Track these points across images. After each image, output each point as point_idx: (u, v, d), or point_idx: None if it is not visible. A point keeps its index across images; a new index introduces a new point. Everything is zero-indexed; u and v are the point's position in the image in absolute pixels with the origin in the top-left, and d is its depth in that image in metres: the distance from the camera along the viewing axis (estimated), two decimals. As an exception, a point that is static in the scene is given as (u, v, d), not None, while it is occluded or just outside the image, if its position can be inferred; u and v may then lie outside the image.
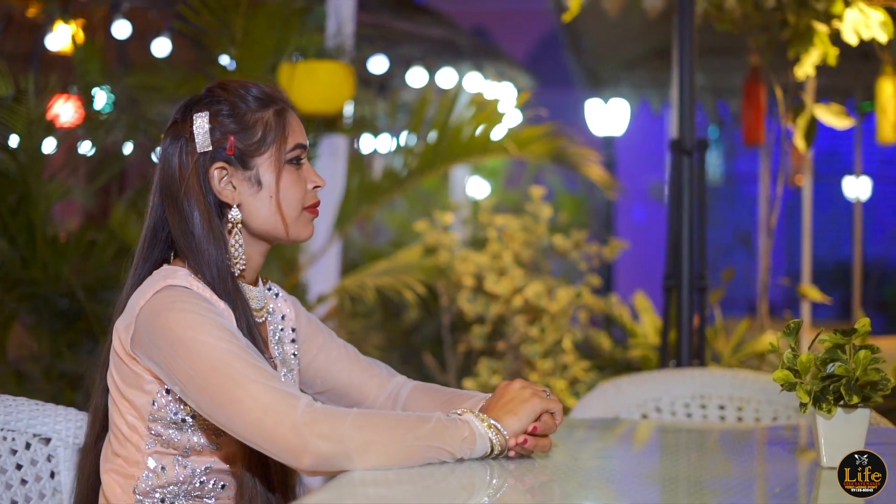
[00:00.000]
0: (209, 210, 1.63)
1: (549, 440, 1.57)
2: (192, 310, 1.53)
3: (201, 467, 1.62)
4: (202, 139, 1.63)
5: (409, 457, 1.43)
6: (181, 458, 1.61)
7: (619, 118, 8.45)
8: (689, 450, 1.89)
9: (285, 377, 1.73)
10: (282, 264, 4.09)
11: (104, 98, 3.89)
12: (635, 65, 7.13)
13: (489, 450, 1.50)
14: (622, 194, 7.32)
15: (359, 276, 4.17)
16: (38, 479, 1.78)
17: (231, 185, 1.64)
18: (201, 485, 1.63)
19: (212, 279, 1.60)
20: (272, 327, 1.75)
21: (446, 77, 7.29)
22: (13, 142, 3.46)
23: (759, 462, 1.78)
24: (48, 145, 3.63)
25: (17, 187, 3.46)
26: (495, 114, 4.09)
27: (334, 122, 4.11)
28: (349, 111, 4.25)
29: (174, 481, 1.61)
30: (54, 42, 5.25)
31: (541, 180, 8.11)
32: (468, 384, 4.16)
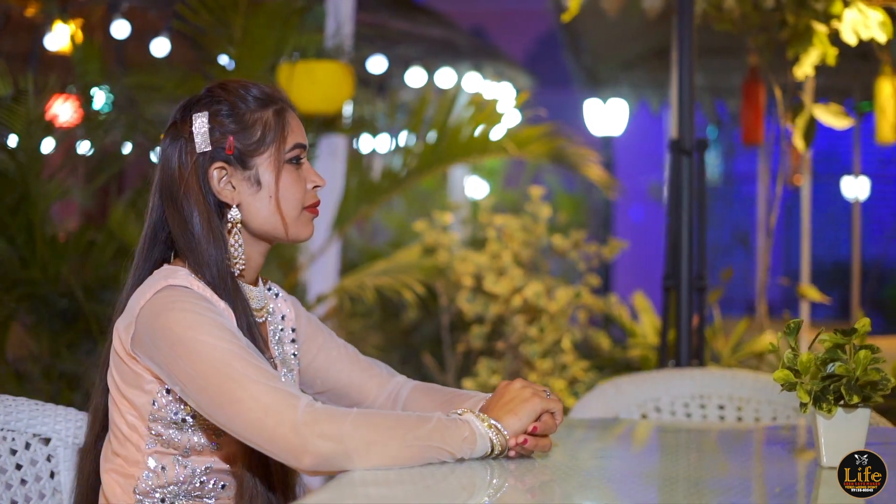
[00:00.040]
0: (209, 210, 1.63)
1: (550, 440, 1.57)
2: (192, 310, 1.53)
3: (201, 467, 1.62)
4: (201, 139, 1.63)
5: (409, 457, 1.43)
6: (181, 458, 1.61)
7: (618, 118, 8.45)
8: (688, 450, 1.89)
9: (285, 377, 1.73)
10: (281, 264, 4.09)
11: (103, 98, 3.89)
12: (634, 65, 7.13)
13: (489, 450, 1.50)
14: (621, 194, 7.33)
15: (358, 276, 4.16)
16: (37, 479, 1.78)
17: (230, 184, 1.64)
18: (201, 485, 1.63)
19: (212, 279, 1.60)
20: (272, 327, 1.75)
21: (445, 77, 7.30)
22: (12, 141, 3.45)
23: (758, 462, 1.78)
24: (47, 145, 3.63)
25: (16, 187, 3.46)
26: (494, 114, 4.08)
27: (333, 122, 4.10)
28: (348, 111, 4.25)
29: (174, 481, 1.61)
30: (53, 42, 5.25)
31: (539, 180, 8.11)
32: (467, 384, 4.16)
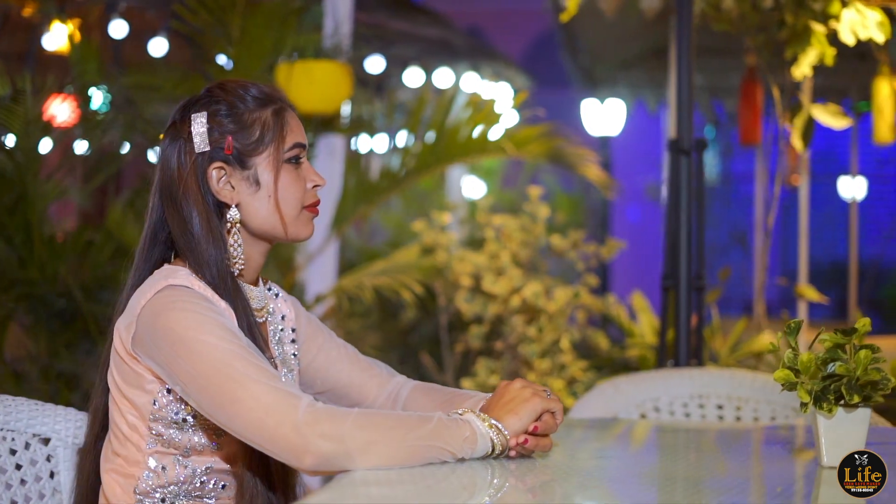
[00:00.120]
0: (208, 210, 1.63)
1: (550, 440, 1.57)
2: (193, 309, 1.53)
3: (202, 467, 1.62)
4: (200, 139, 1.63)
5: (410, 457, 1.43)
6: (182, 458, 1.61)
7: (616, 118, 8.46)
8: (687, 449, 1.89)
9: (285, 377, 1.73)
10: (279, 264, 4.09)
11: (101, 98, 3.89)
12: (632, 65, 7.14)
13: (490, 449, 1.50)
14: (619, 194, 7.33)
15: (356, 276, 4.16)
16: (37, 479, 1.77)
17: (230, 184, 1.64)
18: (202, 485, 1.62)
19: (212, 279, 1.60)
20: (272, 327, 1.75)
21: (443, 77, 7.30)
22: (10, 141, 3.45)
23: (757, 462, 1.78)
24: (45, 145, 3.63)
25: (14, 187, 3.46)
26: (492, 114, 4.08)
27: (331, 122, 4.10)
28: (346, 111, 4.25)
29: (175, 481, 1.61)
30: (51, 42, 5.25)
31: (537, 180, 8.11)
32: (466, 384, 4.16)
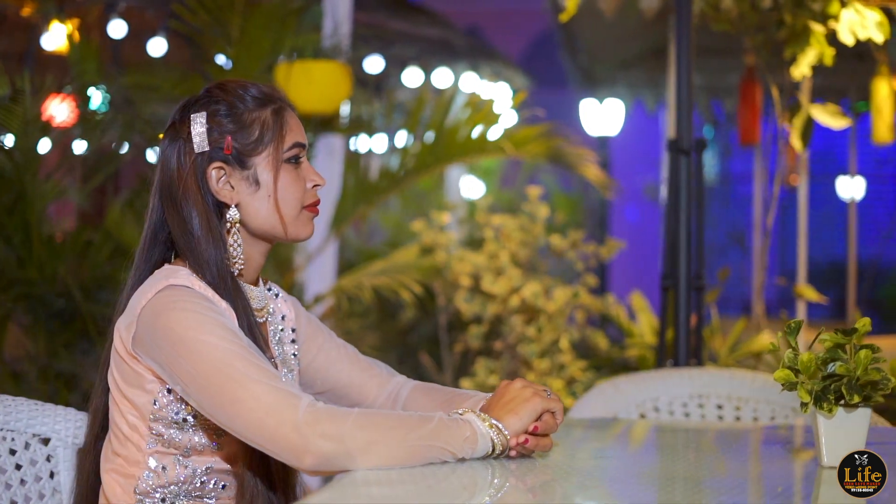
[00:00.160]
0: (207, 210, 1.63)
1: (550, 439, 1.57)
2: (193, 309, 1.53)
3: (202, 467, 1.62)
4: (199, 139, 1.63)
5: (410, 457, 1.43)
6: (182, 458, 1.61)
7: (614, 118, 8.46)
8: (687, 449, 1.89)
9: (285, 377, 1.73)
10: (278, 264, 4.09)
11: (100, 98, 3.88)
12: (631, 65, 7.15)
13: (490, 449, 1.50)
14: (618, 194, 7.33)
15: (356, 276, 4.16)
16: (37, 479, 1.77)
17: (229, 184, 1.64)
18: (202, 485, 1.62)
19: (212, 279, 1.60)
20: (272, 328, 1.75)
21: (442, 77, 7.30)
22: (9, 141, 3.45)
23: (757, 461, 1.78)
24: (44, 145, 3.63)
25: (12, 187, 3.46)
26: (491, 114, 4.08)
27: (330, 122, 4.10)
28: (345, 111, 4.25)
29: (175, 481, 1.61)
30: (50, 42, 5.25)
31: (536, 180, 8.12)
32: (465, 384, 4.16)
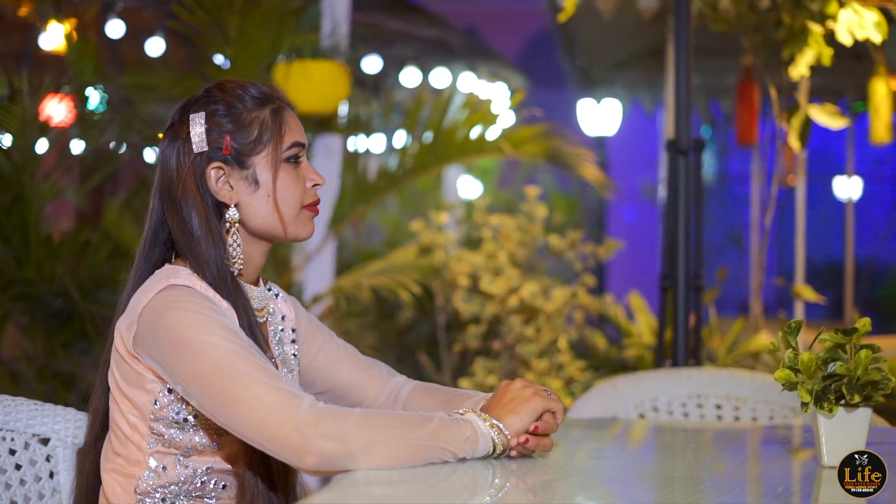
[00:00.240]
0: (207, 210, 1.63)
1: (551, 439, 1.57)
2: (194, 309, 1.53)
3: (203, 467, 1.62)
4: (198, 139, 1.63)
5: (411, 456, 1.43)
6: (182, 458, 1.61)
7: (612, 118, 8.46)
8: (686, 449, 1.89)
9: (285, 377, 1.73)
10: (276, 264, 4.08)
11: (98, 98, 3.88)
12: (628, 65, 7.14)
13: (491, 449, 1.50)
14: (615, 194, 7.33)
15: (354, 276, 4.16)
16: (37, 479, 1.77)
17: (228, 184, 1.64)
18: (202, 485, 1.62)
19: (212, 279, 1.60)
20: (272, 328, 1.75)
21: (440, 77, 7.29)
22: (7, 141, 3.45)
23: (756, 461, 1.78)
24: (41, 145, 3.62)
25: (10, 187, 3.46)
26: (489, 114, 4.09)
27: (329, 122, 4.11)
28: (344, 111, 4.25)
29: (175, 481, 1.61)
30: (47, 41, 5.24)
31: (534, 180, 8.11)
32: (464, 384, 4.16)
